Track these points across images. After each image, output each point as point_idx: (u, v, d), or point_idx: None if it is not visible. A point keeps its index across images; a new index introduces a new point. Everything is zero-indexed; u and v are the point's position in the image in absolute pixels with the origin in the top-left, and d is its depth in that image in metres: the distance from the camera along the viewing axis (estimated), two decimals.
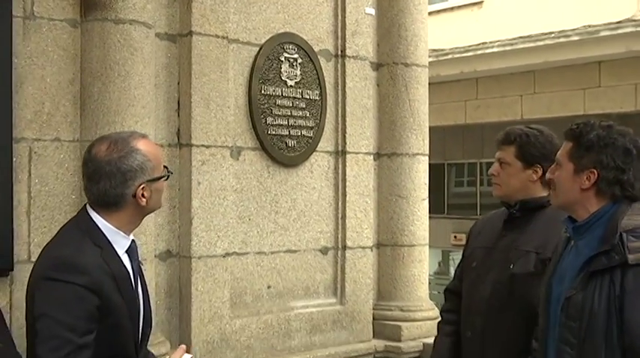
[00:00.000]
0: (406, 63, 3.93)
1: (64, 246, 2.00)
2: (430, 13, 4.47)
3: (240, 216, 3.37)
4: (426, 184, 4.02)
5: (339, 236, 3.71)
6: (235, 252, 3.34)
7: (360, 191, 3.78)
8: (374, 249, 3.89)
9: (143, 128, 2.81)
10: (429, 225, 4.06)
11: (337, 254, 3.72)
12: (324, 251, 3.69)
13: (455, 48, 12.58)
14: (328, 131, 3.70)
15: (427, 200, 4.02)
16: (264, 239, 3.46)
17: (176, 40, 3.19)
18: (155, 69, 3.05)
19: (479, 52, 12.35)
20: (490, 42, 12.18)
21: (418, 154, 3.96)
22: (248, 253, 3.40)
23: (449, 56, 12.56)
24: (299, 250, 3.59)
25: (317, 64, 3.64)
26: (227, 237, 3.27)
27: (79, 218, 2.08)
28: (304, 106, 3.59)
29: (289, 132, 3.53)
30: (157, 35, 3.09)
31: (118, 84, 2.85)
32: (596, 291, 2.07)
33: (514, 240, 2.68)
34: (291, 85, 3.54)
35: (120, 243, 2.05)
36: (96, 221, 2.04)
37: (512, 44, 11.84)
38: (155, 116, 3.04)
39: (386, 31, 3.95)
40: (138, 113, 2.89)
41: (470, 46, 12.48)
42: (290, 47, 3.54)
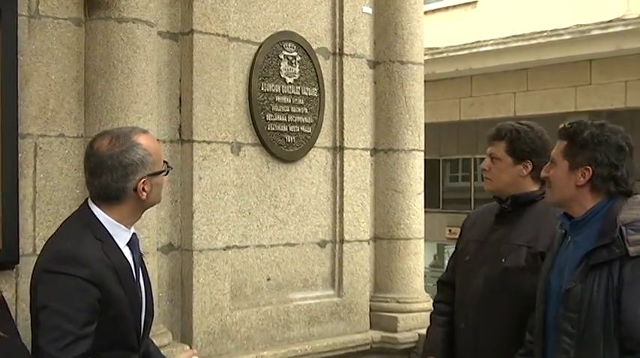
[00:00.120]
0: (402, 61, 3.96)
1: (66, 240, 2.03)
2: (426, 13, 4.51)
3: (240, 210, 3.39)
4: (422, 179, 4.04)
5: (337, 229, 3.73)
6: (235, 245, 3.36)
7: (358, 186, 3.80)
8: (371, 243, 3.91)
9: (146, 124, 2.83)
10: (425, 219, 4.08)
11: (335, 247, 3.74)
12: (322, 244, 3.71)
13: (450, 46, 12.64)
14: (326, 127, 3.72)
15: (422, 194, 4.05)
16: (263, 232, 3.48)
17: (178, 39, 3.21)
18: (157, 66, 3.07)
19: (473, 51, 12.41)
20: (484, 40, 12.24)
21: (414, 150, 3.99)
22: (248, 246, 3.42)
23: (444, 54, 12.61)
24: (298, 243, 3.61)
25: (315, 62, 3.65)
26: (227, 231, 3.29)
27: (81, 212, 2.12)
28: (303, 103, 3.61)
29: (288, 128, 3.55)
30: (159, 33, 3.11)
31: (121, 81, 2.87)
32: (595, 283, 2.11)
33: (506, 234, 2.72)
34: (290, 83, 3.56)
35: (121, 236, 2.09)
36: (97, 215, 2.07)
37: (505, 43, 11.91)
38: (157, 112, 3.05)
39: (383, 30, 3.98)
40: (140, 110, 2.91)
41: (464, 45, 12.54)
42: (289, 45, 3.56)
